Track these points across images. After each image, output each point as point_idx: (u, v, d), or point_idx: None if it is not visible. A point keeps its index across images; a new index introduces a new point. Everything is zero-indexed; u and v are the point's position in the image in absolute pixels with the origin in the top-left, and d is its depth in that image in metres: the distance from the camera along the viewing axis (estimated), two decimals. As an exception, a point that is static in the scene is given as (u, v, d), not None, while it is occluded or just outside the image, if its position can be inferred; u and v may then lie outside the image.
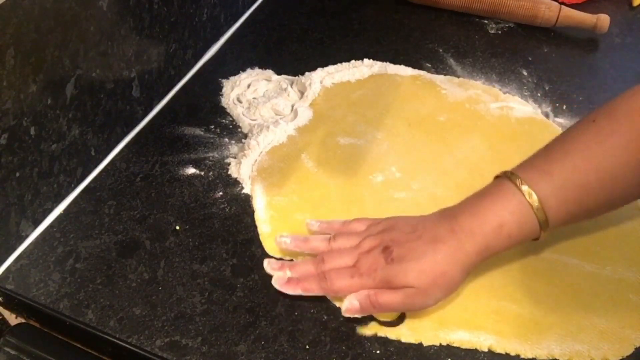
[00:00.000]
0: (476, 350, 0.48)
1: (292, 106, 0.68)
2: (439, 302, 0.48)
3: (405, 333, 0.49)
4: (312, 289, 0.49)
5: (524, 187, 0.46)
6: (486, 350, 0.48)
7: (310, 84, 0.70)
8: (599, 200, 0.47)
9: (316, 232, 0.54)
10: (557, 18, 0.79)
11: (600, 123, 0.47)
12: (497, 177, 0.50)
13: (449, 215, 0.49)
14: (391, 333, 0.49)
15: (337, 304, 0.50)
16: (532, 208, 0.46)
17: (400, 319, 0.49)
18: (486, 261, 0.48)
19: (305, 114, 0.67)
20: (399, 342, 0.48)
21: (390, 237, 0.48)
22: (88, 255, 0.54)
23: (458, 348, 0.48)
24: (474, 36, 0.80)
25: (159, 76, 0.68)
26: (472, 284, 0.51)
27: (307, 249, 0.52)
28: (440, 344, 0.48)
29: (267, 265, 0.51)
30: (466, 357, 0.47)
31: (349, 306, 0.47)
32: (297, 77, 0.72)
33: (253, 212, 0.57)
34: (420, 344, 0.48)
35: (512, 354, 0.47)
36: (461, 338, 0.48)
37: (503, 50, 0.78)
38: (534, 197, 0.46)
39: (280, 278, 0.50)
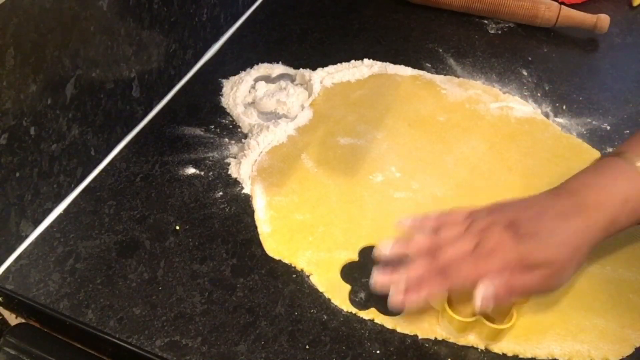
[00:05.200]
0: (475, 349, 0.48)
1: (292, 106, 0.68)
2: (566, 284, 0.44)
3: (402, 324, 0.49)
4: (435, 289, 0.43)
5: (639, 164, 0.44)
6: (485, 349, 0.48)
7: (310, 79, 0.70)
8: None
9: (409, 230, 0.48)
10: (557, 18, 0.79)
11: None
12: (602, 157, 0.46)
13: (568, 191, 0.45)
14: (388, 322, 0.49)
15: (438, 308, 0.46)
16: None
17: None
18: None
19: (305, 114, 0.67)
20: (399, 342, 0.48)
21: (507, 216, 0.44)
22: (88, 255, 0.54)
23: (457, 347, 0.48)
24: (474, 36, 0.80)
25: (159, 76, 0.68)
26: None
27: (412, 250, 0.46)
28: (436, 338, 0.48)
29: (376, 282, 0.45)
30: (465, 356, 0.47)
31: (485, 294, 0.41)
32: (298, 69, 0.73)
33: (253, 212, 0.57)
34: (419, 342, 0.48)
35: (511, 354, 0.47)
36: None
37: (503, 50, 0.78)
38: None
39: (397, 292, 0.43)
